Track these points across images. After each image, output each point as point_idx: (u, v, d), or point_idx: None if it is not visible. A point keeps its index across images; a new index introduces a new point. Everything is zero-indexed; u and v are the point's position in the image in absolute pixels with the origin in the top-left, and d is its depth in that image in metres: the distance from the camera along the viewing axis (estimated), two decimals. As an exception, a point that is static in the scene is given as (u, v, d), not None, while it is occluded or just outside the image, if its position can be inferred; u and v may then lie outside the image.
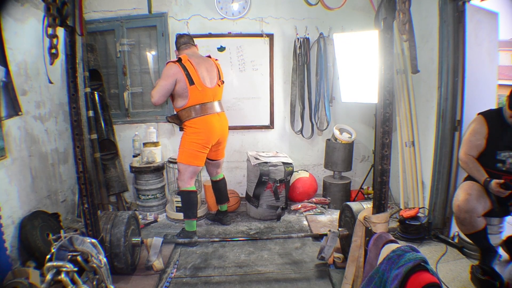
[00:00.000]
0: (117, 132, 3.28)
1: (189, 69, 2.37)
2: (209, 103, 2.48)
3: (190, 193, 2.53)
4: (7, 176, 2.15)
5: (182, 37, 2.58)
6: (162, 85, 2.36)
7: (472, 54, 2.38)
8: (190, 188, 2.53)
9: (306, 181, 3.34)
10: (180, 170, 2.52)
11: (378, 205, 1.72)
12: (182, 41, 2.56)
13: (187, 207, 2.54)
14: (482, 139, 2.08)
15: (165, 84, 2.36)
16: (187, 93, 2.39)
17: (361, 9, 3.31)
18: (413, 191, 2.89)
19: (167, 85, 2.37)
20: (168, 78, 2.36)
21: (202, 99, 2.44)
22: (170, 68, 2.37)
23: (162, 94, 2.38)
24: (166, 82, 2.36)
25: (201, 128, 2.45)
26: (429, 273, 1.32)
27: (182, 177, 2.52)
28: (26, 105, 2.38)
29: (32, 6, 2.47)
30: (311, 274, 2.17)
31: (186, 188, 2.52)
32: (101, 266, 1.53)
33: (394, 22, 1.55)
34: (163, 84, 2.36)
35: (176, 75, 2.36)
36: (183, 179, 2.52)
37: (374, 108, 3.06)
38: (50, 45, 1.50)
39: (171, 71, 2.36)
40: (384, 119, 1.62)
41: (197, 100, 2.42)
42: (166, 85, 2.36)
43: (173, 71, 2.36)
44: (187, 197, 2.53)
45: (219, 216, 2.99)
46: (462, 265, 2.15)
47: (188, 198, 2.53)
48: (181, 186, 2.53)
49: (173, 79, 2.36)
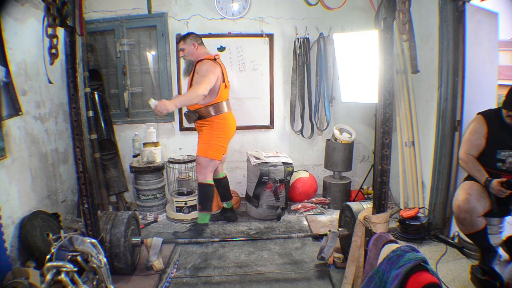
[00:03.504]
0: (117, 132, 3.28)
1: (223, 68, 2.54)
2: (228, 101, 2.66)
3: (209, 186, 2.62)
4: (7, 176, 2.15)
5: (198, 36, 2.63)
6: (211, 79, 2.42)
7: (472, 54, 2.38)
8: (210, 182, 2.62)
9: (306, 181, 3.34)
10: (202, 164, 2.57)
11: (378, 205, 1.72)
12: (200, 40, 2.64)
13: (205, 200, 2.61)
14: (482, 138, 2.08)
15: (213, 79, 2.43)
16: (218, 90, 2.51)
17: (361, 9, 3.32)
18: (413, 191, 2.88)
19: (213, 80, 2.44)
20: (215, 74, 2.44)
21: (226, 96, 2.62)
22: (214, 65, 2.47)
23: (210, 87, 2.43)
24: (213, 77, 2.44)
25: (228, 123, 2.61)
26: (429, 273, 1.32)
27: (203, 170, 2.58)
28: (26, 105, 2.38)
29: (32, 6, 2.47)
30: (311, 274, 2.17)
31: (206, 182, 2.60)
32: (101, 266, 1.53)
33: (394, 22, 1.55)
34: (212, 78, 2.42)
35: (219, 72, 2.49)
36: (205, 173, 2.58)
37: (374, 108, 3.06)
38: (50, 45, 1.50)
39: (216, 68, 2.47)
40: (384, 119, 1.62)
41: (223, 98, 2.57)
42: (213, 80, 2.43)
43: (217, 68, 2.48)
44: (206, 190, 2.61)
45: (226, 213, 3.01)
46: (462, 265, 2.15)
47: (208, 191, 2.62)
48: (201, 180, 2.60)
49: (217, 75, 2.47)
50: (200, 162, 2.58)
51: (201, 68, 2.47)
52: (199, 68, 2.48)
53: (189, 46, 2.58)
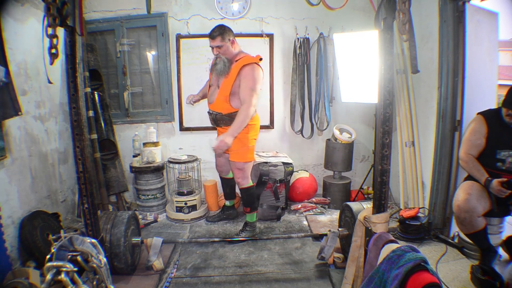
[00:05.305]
0: (117, 132, 3.28)
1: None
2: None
3: (253, 188, 2.65)
4: (7, 176, 2.15)
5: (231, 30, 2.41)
6: (258, 92, 2.32)
7: (472, 54, 2.38)
8: (252, 183, 2.62)
9: (306, 181, 3.34)
10: (245, 169, 2.53)
11: (378, 205, 1.72)
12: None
13: (252, 201, 2.63)
14: (482, 138, 2.08)
15: (259, 90, 2.34)
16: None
17: (361, 9, 3.31)
18: (413, 191, 2.88)
19: (259, 91, 2.35)
20: (261, 84, 2.35)
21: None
22: (261, 73, 2.34)
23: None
24: (260, 88, 2.34)
25: (258, 124, 2.56)
26: (429, 273, 1.32)
27: (246, 174, 2.54)
28: (26, 105, 2.38)
29: (32, 6, 2.47)
30: (311, 274, 2.17)
31: (250, 184, 2.59)
32: (101, 266, 1.53)
33: (394, 22, 1.55)
34: (259, 91, 2.33)
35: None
36: (247, 176, 2.56)
37: (374, 108, 3.06)
38: (50, 45, 1.50)
39: (262, 75, 2.35)
40: (384, 119, 1.62)
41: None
42: (259, 91, 2.34)
43: (262, 75, 2.36)
44: (252, 191, 2.64)
45: (228, 211, 3.02)
46: (462, 265, 2.15)
47: (253, 193, 2.64)
48: (245, 184, 2.56)
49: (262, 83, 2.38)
50: (241, 168, 2.50)
51: (250, 77, 2.26)
52: (247, 75, 2.27)
53: (226, 43, 2.31)
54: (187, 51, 3.27)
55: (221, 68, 2.36)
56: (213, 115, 2.48)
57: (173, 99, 3.37)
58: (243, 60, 2.32)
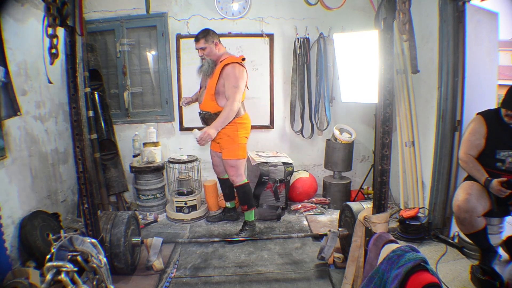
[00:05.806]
0: (117, 132, 3.28)
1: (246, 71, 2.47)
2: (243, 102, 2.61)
3: (247, 185, 2.65)
4: (7, 176, 2.15)
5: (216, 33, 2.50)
6: (242, 89, 2.41)
7: (472, 54, 2.38)
8: (246, 180, 2.64)
9: (306, 181, 3.34)
10: (238, 166, 2.58)
11: (378, 205, 1.72)
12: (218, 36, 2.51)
13: (248, 198, 2.64)
14: (481, 138, 2.08)
15: (243, 87, 2.42)
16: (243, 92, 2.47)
17: (361, 9, 3.32)
18: (413, 191, 2.88)
19: (243, 88, 2.43)
20: (244, 81, 2.42)
21: (243, 98, 2.55)
22: (243, 71, 2.42)
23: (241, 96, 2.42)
24: (243, 85, 2.42)
25: (248, 123, 2.61)
26: (429, 273, 1.32)
27: (239, 171, 2.59)
28: (26, 105, 2.38)
29: (32, 6, 2.47)
30: (311, 274, 2.17)
31: (244, 181, 2.62)
32: (101, 266, 1.53)
33: (394, 22, 1.55)
34: (242, 87, 2.41)
35: (246, 77, 2.45)
36: (241, 173, 2.60)
37: (374, 108, 3.06)
38: (50, 45, 1.50)
39: (244, 74, 2.43)
40: (384, 119, 1.62)
41: (242, 99, 2.53)
42: (243, 88, 2.42)
43: (245, 73, 2.43)
44: (247, 189, 2.64)
45: (229, 213, 3.02)
46: (462, 265, 2.15)
47: (248, 190, 2.65)
48: (239, 181, 2.60)
49: (245, 81, 2.44)
50: (234, 165, 2.56)
51: (231, 75, 2.35)
52: (228, 73, 2.36)
53: (210, 45, 2.42)
54: (187, 51, 3.27)
55: (206, 69, 2.49)
56: (202, 114, 2.56)
57: (173, 99, 3.37)
58: (226, 60, 2.42)
